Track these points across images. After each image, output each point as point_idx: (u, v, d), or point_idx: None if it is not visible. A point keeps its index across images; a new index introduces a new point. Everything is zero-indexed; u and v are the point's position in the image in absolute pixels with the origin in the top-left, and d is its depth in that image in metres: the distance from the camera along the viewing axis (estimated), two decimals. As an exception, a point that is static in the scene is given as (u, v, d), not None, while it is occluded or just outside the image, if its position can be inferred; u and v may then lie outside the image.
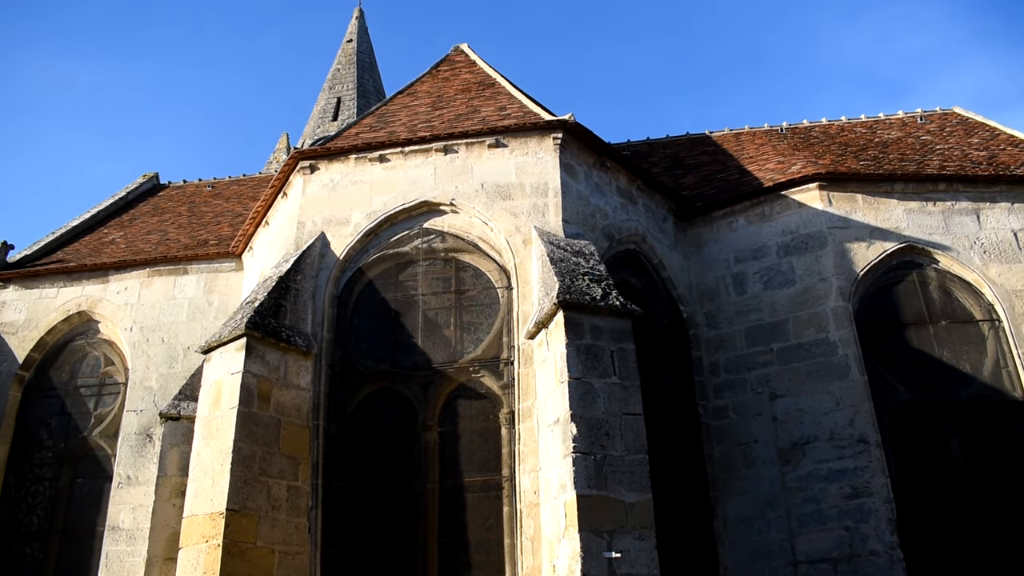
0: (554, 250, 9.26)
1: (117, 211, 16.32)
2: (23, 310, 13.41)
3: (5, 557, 12.08)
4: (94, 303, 13.16)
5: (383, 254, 10.25)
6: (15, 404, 12.86)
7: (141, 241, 14.25)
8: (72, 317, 13.22)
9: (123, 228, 15.29)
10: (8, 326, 13.33)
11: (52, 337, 13.21)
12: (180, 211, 15.72)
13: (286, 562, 8.67)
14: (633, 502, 7.84)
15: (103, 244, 14.52)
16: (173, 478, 10.61)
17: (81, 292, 13.30)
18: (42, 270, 13.65)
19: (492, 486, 9.00)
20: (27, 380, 13.04)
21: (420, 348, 9.71)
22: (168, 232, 14.49)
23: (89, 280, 13.35)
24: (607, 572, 7.49)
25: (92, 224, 15.72)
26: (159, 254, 13.24)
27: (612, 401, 8.21)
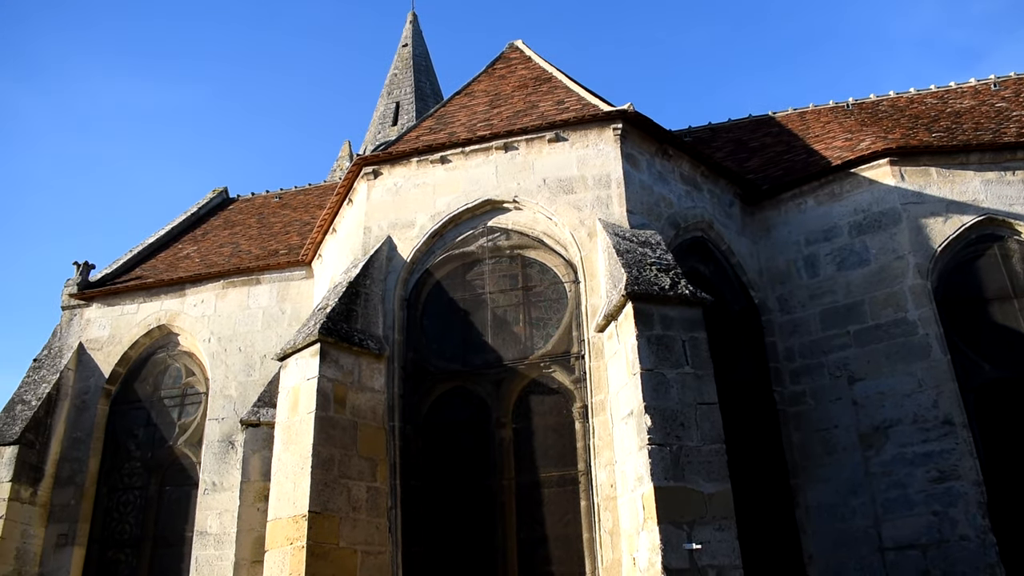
0: (620, 241, 9.20)
1: (190, 226, 16.78)
2: (107, 327, 13.88)
3: (102, 564, 12.54)
4: (173, 316, 13.55)
5: (449, 254, 10.33)
6: (103, 417, 13.34)
7: (214, 254, 14.62)
8: (153, 331, 13.64)
9: (196, 243, 15.71)
10: (93, 342, 13.82)
11: (135, 351, 13.66)
12: (250, 223, 16.08)
13: (368, 562, 8.80)
14: (712, 492, 7.75)
15: (178, 259, 14.94)
16: (256, 483, 10.87)
17: (160, 307, 13.72)
18: (122, 287, 14.10)
19: (568, 480, 9.00)
20: (114, 394, 13.50)
21: (490, 346, 9.75)
22: (240, 244, 14.83)
23: (167, 295, 13.75)
24: (688, 564, 7.42)
25: (167, 240, 16.20)
26: (232, 266, 13.57)
27: (686, 391, 8.13)
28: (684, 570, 7.37)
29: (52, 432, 13.12)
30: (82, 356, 13.75)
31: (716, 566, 7.47)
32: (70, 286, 14.41)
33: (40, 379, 13.50)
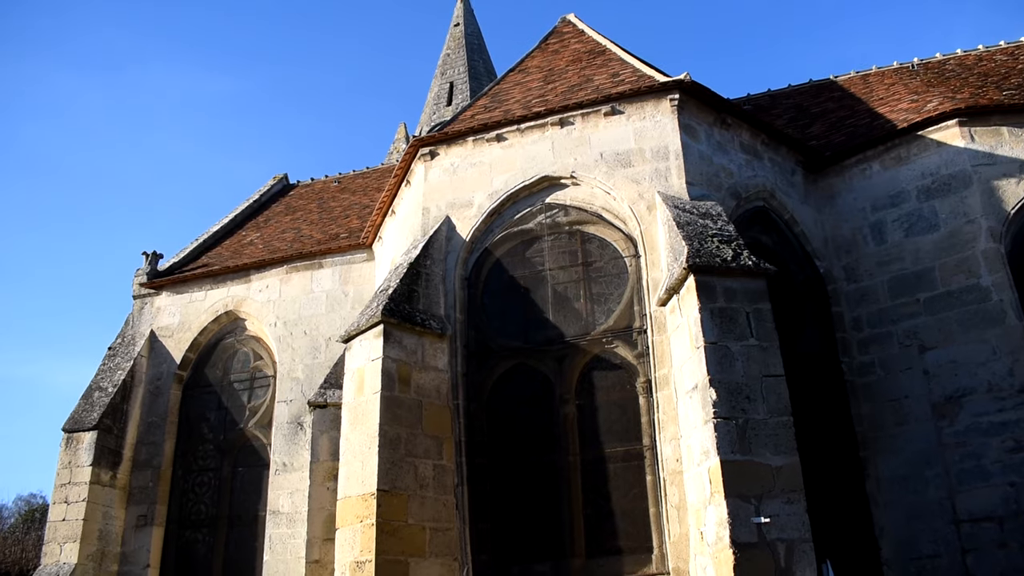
0: (680, 214, 9.09)
1: (252, 213, 17.08)
2: (176, 314, 14.25)
3: (180, 543, 12.96)
4: (239, 302, 13.85)
5: (508, 232, 10.33)
6: (177, 402, 13.74)
7: (277, 240, 14.86)
8: (220, 317, 13.96)
9: (259, 229, 15.99)
10: (164, 330, 14.20)
11: (204, 337, 14.00)
12: (311, 208, 16.30)
13: (437, 538, 8.92)
14: (780, 465, 7.66)
15: (243, 246, 15.23)
16: (325, 463, 11.07)
17: (227, 293, 14.02)
18: (190, 275, 14.45)
19: (633, 456, 8.98)
20: (185, 379, 13.88)
21: (552, 323, 9.75)
22: (301, 229, 15.05)
23: (233, 281, 14.05)
24: (757, 538, 7.37)
25: (231, 228, 16.52)
26: (295, 251, 13.79)
27: (751, 364, 8.03)
28: (752, 544, 7.32)
29: (129, 417, 13.55)
30: (154, 343, 14.14)
31: (785, 540, 7.40)
32: (140, 276, 14.82)
33: (115, 367, 13.93)
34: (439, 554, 8.87)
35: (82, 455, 12.85)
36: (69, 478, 12.83)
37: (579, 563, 8.79)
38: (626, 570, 8.59)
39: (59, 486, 12.87)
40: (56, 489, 12.88)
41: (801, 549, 7.39)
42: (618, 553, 8.72)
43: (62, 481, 12.86)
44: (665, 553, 8.46)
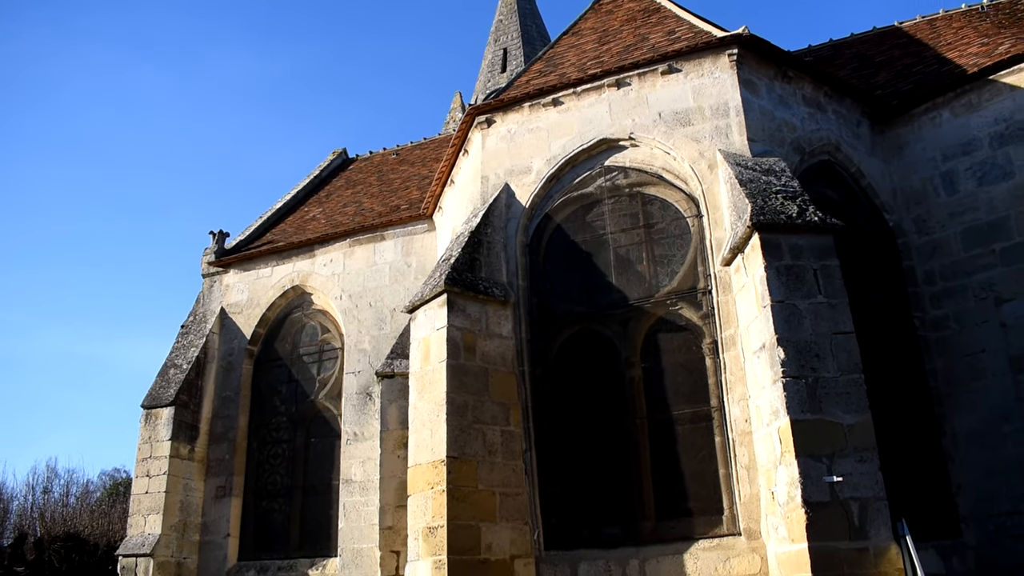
0: (742, 171, 8.93)
1: (314, 189, 17.30)
2: (245, 291, 14.56)
3: (258, 513, 13.35)
4: (305, 277, 14.08)
5: (567, 197, 10.28)
6: (249, 376, 14.08)
7: (339, 214, 15.04)
8: (287, 292, 14.22)
9: (321, 204, 16.20)
10: (234, 307, 14.53)
11: (272, 312, 14.29)
12: (371, 181, 16.44)
13: (507, 503, 9.03)
14: (851, 423, 7.55)
15: (306, 221, 15.45)
16: (395, 431, 11.26)
17: (292, 268, 14.27)
18: (256, 252, 14.73)
19: (701, 417, 8.93)
20: (256, 354, 14.21)
21: (615, 286, 9.71)
22: (362, 202, 15.20)
23: (298, 256, 14.29)
24: (829, 497, 7.29)
25: (293, 204, 16.77)
26: (357, 224, 13.94)
27: (820, 321, 7.90)
28: (825, 503, 7.25)
29: (203, 392, 13.95)
30: (224, 320, 14.49)
31: (859, 498, 7.31)
32: (208, 255, 15.16)
33: (188, 344, 14.32)
34: (509, 518, 8.98)
35: (161, 430, 13.28)
36: (150, 452, 13.29)
37: (649, 525, 8.82)
38: (697, 532, 8.58)
39: (140, 460, 13.34)
40: (138, 463, 13.37)
41: (875, 507, 7.30)
42: (688, 515, 8.72)
43: (143, 455, 13.33)
44: (736, 514, 8.43)
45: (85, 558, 26.48)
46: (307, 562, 12.46)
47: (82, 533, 27.02)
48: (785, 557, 7.53)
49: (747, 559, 8.17)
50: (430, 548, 8.68)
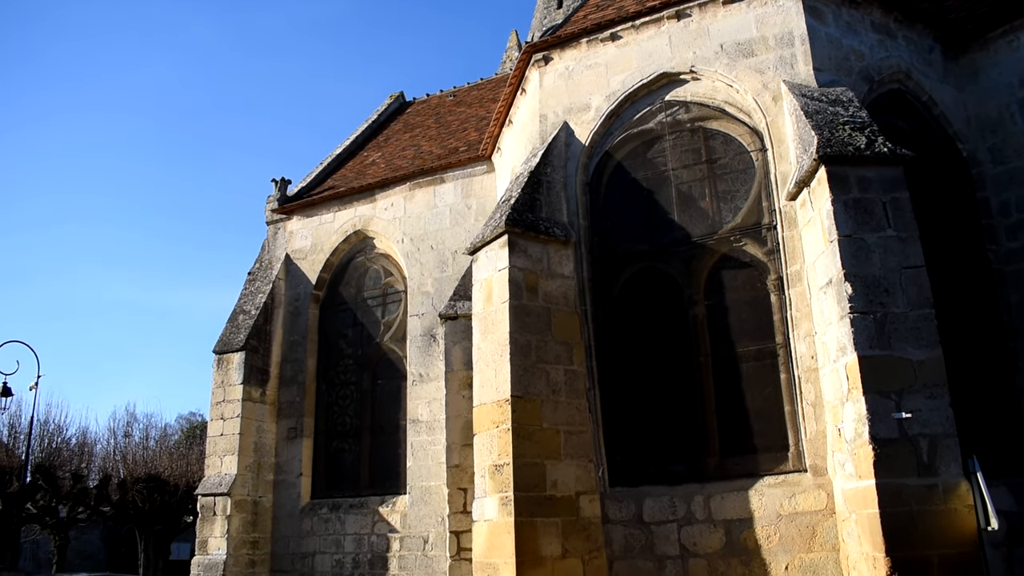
0: (808, 102, 8.68)
1: (372, 133, 17.36)
2: (308, 237, 14.79)
3: (328, 453, 13.76)
4: (367, 221, 14.23)
5: (628, 134, 10.13)
6: (315, 320, 14.39)
7: (398, 158, 15.09)
8: (350, 237, 14.42)
9: (380, 149, 16.26)
10: (298, 252, 14.79)
11: (336, 258, 14.53)
12: (428, 124, 16.42)
13: (572, 440, 9.12)
14: (921, 359, 7.41)
15: (365, 166, 15.55)
16: (459, 372, 11.41)
17: (354, 213, 14.43)
18: (318, 198, 14.91)
19: (766, 354, 8.85)
20: (322, 298, 14.49)
21: (677, 223, 9.60)
22: (421, 146, 15.22)
23: (359, 201, 14.42)
24: (898, 433, 7.21)
25: (352, 149, 16.87)
26: (416, 167, 13.98)
27: (889, 255, 7.71)
28: (893, 440, 7.17)
29: (272, 337, 14.32)
30: (290, 266, 14.78)
31: (928, 435, 7.21)
32: (271, 202, 15.41)
33: (256, 290, 14.66)
34: (574, 456, 9.09)
35: (233, 374, 13.69)
36: (223, 396, 13.74)
37: (714, 462, 8.84)
38: (762, 468, 8.58)
39: (215, 404, 13.81)
40: (212, 407, 13.85)
41: (945, 444, 7.20)
42: (753, 452, 8.71)
43: (217, 399, 13.79)
44: (801, 451, 8.39)
45: (166, 498, 27.67)
46: (377, 500, 12.83)
47: (162, 474, 28.18)
48: (852, 493, 7.50)
49: (813, 495, 8.15)
50: (497, 485, 8.85)
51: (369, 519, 12.75)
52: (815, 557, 8.02)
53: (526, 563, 8.47)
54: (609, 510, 9.05)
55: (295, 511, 13.47)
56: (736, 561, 8.36)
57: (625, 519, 8.96)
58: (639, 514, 8.91)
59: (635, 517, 8.92)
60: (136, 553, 29.25)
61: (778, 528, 8.22)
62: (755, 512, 8.36)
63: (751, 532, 8.34)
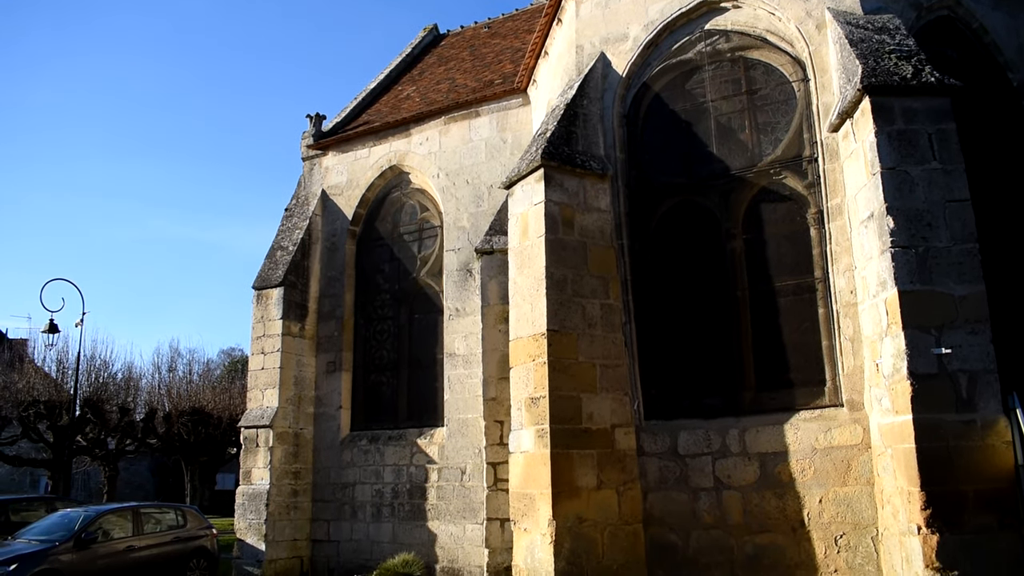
0: (852, 30, 8.43)
1: (406, 67, 17.20)
2: (344, 172, 14.81)
3: (367, 386, 13.98)
4: (402, 157, 14.20)
5: (666, 65, 9.94)
6: (352, 256, 14.50)
7: (432, 92, 14.96)
8: (385, 172, 14.40)
9: (414, 82, 16.12)
10: (334, 188, 14.82)
11: (372, 193, 14.54)
12: (463, 56, 16.21)
13: (607, 374, 9.18)
14: (963, 295, 7.31)
15: (400, 101, 15.44)
16: (495, 306, 11.48)
17: (389, 148, 14.38)
18: (352, 134, 14.87)
19: (804, 288, 8.78)
20: (358, 234, 14.57)
21: (716, 156, 9.46)
22: (455, 79, 15.05)
23: (394, 136, 14.37)
24: (936, 369, 7.15)
25: (387, 84, 16.74)
26: (451, 101, 13.86)
27: (933, 189, 7.55)
28: (932, 375, 7.12)
29: (310, 273, 14.47)
30: (326, 202, 14.84)
31: (967, 371, 7.14)
32: (307, 138, 15.41)
33: (293, 226, 14.77)
34: (610, 389, 9.15)
35: (272, 309, 13.89)
36: (263, 331, 13.96)
37: (750, 396, 8.86)
38: (798, 402, 8.58)
39: (255, 339, 14.05)
40: (253, 341, 14.10)
41: (985, 380, 7.14)
42: (789, 386, 8.71)
43: (257, 334, 14.03)
44: (838, 385, 8.37)
45: (210, 430, 28.47)
46: (415, 432, 13.06)
47: (206, 408, 28.92)
48: (888, 428, 7.48)
49: (849, 430, 8.16)
50: (533, 417, 8.96)
51: (407, 451, 13.00)
52: (849, 491, 8.05)
53: (562, 493, 8.62)
54: (644, 443, 9.14)
55: (335, 443, 13.77)
56: (770, 494, 8.43)
57: (660, 452, 9.05)
58: (674, 447, 8.99)
59: (670, 450, 9.00)
60: (183, 483, 30.26)
61: (813, 462, 8.25)
62: (790, 446, 8.39)
63: (785, 465, 8.39)
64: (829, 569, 8.02)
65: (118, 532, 13.72)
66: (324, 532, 13.61)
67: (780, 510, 8.35)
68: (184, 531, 14.91)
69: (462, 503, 12.27)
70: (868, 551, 7.87)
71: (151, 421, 26.32)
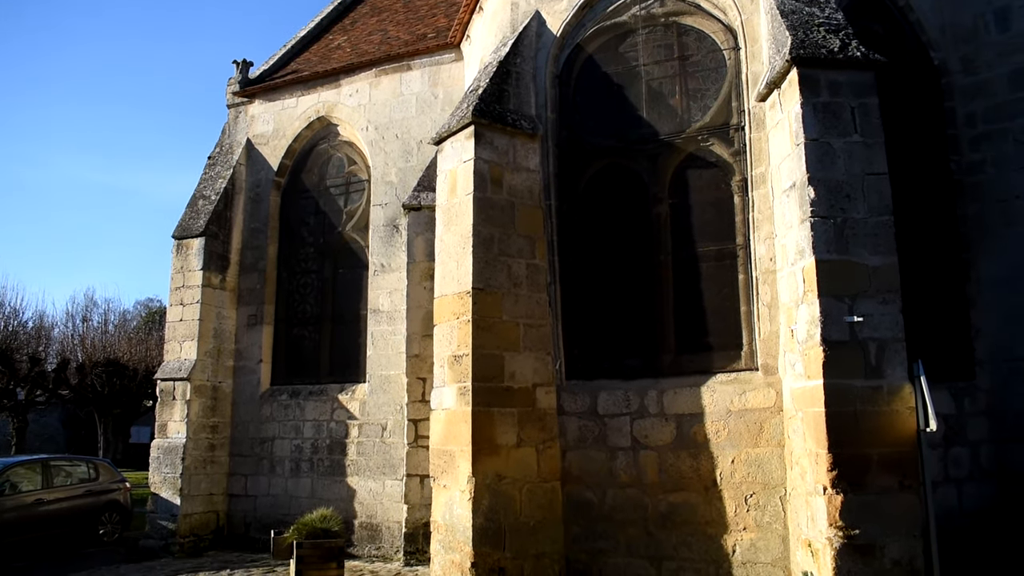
0: (785, 1, 8.51)
1: (338, 16, 16.74)
2: (270, 121, 14.45)
3: (289, 340, 13.81)
4: (331, 108, 13.91)
5: (600, 26, 9.90)
6: (276, 208, 14.22)
7: (364, 43, 14.64)
8: (313, 123, 14.10)
9: (346, 32, 15.75)
10: (260, 137, 14.47)
11: (298, 144, 14.23)
12: (396, 8, 15.86)
13: (531, 333, 9.24)
14: (877, 265, 7.53)
15: (330, 50, 15.08)
16: (421, 263, 11.42)
17: (318, 99, 14.07)
18: (281, 82, 14.50)
19: (726, 255, 8.95)
20: (283, 185, 14.28)
21: (646, 120, 9.51)
22: (388, 31, 14.76)
23: (323, 87, 14.06)
24: (848, 336, 7.37)
25: (317, 32, 16.30)
26: (383, 53, 13.59)
27: (853, 161, 7.73)
28: (844, 343, 7.34)
29: (232, 223, 14.14)
30: (251, 151, 14.48)
31: (877, 339, 7.38)
32: (232, 84, 14.96)
33: (216, 175, 14.38)
34: (533, 348, 9.22)
35: (192, 260, 13.56)
36: (183, 282, 13.63)
37: (669, 358, 9.02)
38: (715, 365, 8.78)
39: (174, 289, 13.72)
40: (171, 292, 13.76)
41: (893, 348, 7.39)
42: (708, 349, 8.89)
43: (176, 285, 13.69)
44: (755, 350, 8.58)
45: (125, 382, 27.78)
46: (337, 387, 12.97)
47: (121, 359, 28.21)
48: (800, 392, 7.72)
49: (763, 393, 8.39)
50: (455, 375, 8.98)
51: (328, 406, 12.91)
52: (761, 452, 8.30)
53: (482, 451, 8.69)
54: (565, 402, 9.25)
55: (255, 397, 13.59)
56: (685, 454, 8.64)
57: (580, 411, 9.17)
58: (594, 406, 9.12)
59: (590, 409, 9.13)
60: (96, 436, 29.52)
61: (727, 423, 8.48)
62: (706, 408, 8.60)
63: (701, 427, 8.60)
64: (739, 527, 8.29)
65: (26, 485, 13.37)
66: (242, 487, 13.46)
67: (694, 470, 8.57)
68: (96, 484, 14.63)
69: (382, 459, 12.27)
70: (776, 510, 8.16)
71: (63, 372, 25.57)
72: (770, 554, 8.13)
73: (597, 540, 8.90)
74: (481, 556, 8.50)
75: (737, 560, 8.26)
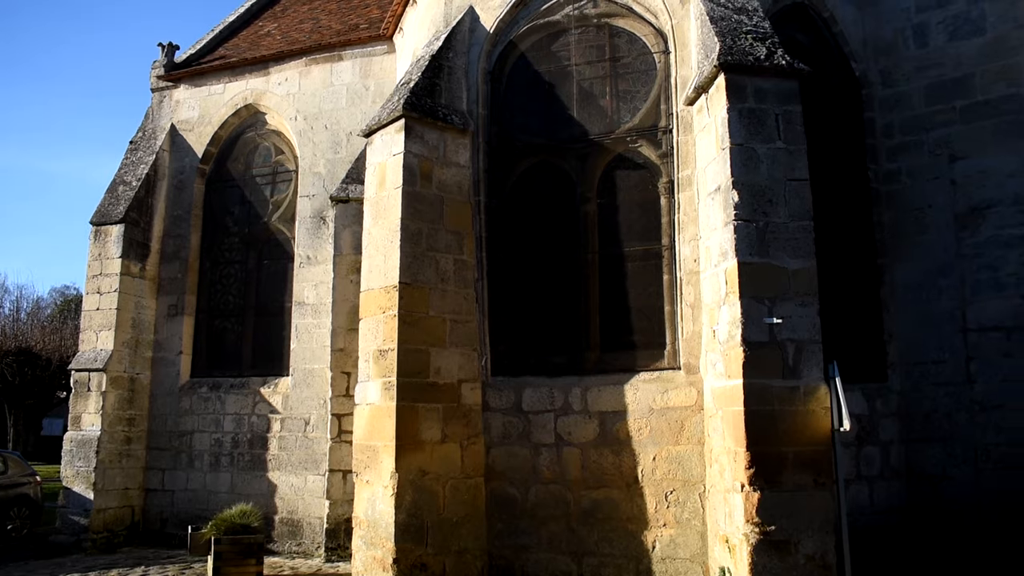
0: (714, 8, 8.68)
1: (269, 3, 16.38)
2: (196, 107, 14.11)
3: (210, 332, 13.51)
4: (259, 96, 13.65)
5: (534, 24, 9.93)
6: (201, 196, 13.89)
7: (295, 31, 14.41)
8: (240, 111, 13.82)
9: (276, 19, 15.47)
10: (185, 123, 14.12)
11: (225, 131, 13.93)
12: (329, -4, 15.65)
13: (457, 329, 9.23)
14: (796, 269, 7.73)
15: (260, 37, 14.80)
16: (348, 256, 11.30)
17: (246, 86, 13.80)
18: (207, 67, 14.17)
19: (652, 255, 9.07)
20: (208, 173, 13.96)
21: (576, 120, 9.58)
22: (320, 19, 14.55)
23: (251, 74, 13.79)
24: (767, 337, 7.56)
25: (247, 18, 15.96)
26: (313, 42, 13.39)
27: (776, 167, 7.92)
28: (763, 343, 7.52)
29: (154, 211, 13.77)
30: (175, 137, 14.12)
31: (795, 340, 7.59)
32: (157, 68, 14.57)
33: (138, 160, 13.99)
34: (459, 344, 9.21)
35: (111, 247, 13.16)
36: (100, 270, 13.21)
37: (594, 356, 9.11)
38: (639, 364, 8.90)
39: (91, 277, 13.29)
40: (88, 280, 13.32)
41: (810, 349, 7.60)
42: (632, 348, 9.00)
43: (93, 272, 13.26)
44: (677, 349, 8.72)
45: (38, 372, 26.84)
46: (259, 380, 12.75)
47: (34, 348, 27.25)
48: (720, 391, 7.88)
49: (684, 392, 8.54)
50: (380, 370, 8.91)
51: (250, 399, 12.68)
52: (681, 450, 8.45)
53: (406, 446, 8.65)
54: (490, 398, 9.27)
55: (174, 389, 13.27)
56: (608, 451, 8.74)
57: (505, 407, 9.20)
58: (518, 403, 9.16)
59: (514, 406, 9.17)
60: (6, 428, 28.45)
61: (649, 421, 8.60)
62: (629, 405, 8.71)
63: (624, 424, 8.71)
64: (659, 523, 8.42)
65: (-72, 477, 12.81)
66: (159, 481, 13.13)
67: (616, 467, 8.67)
68: (4, 478, 14.12)
69: (304, 454, 12.11)
70: (695, 507, 8.31)
71: (-30, 360, 24.60)
72: (689, 550, 8.28)
73: (520, 536, 8.94)
74: (403, 552, 8.47)
75: (657, 556, 8.39)
